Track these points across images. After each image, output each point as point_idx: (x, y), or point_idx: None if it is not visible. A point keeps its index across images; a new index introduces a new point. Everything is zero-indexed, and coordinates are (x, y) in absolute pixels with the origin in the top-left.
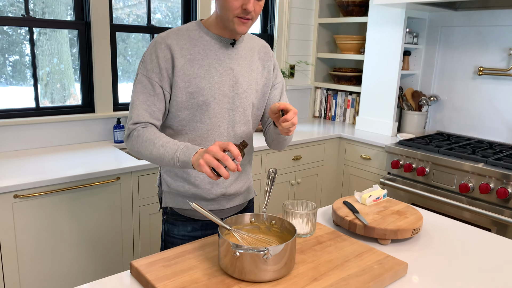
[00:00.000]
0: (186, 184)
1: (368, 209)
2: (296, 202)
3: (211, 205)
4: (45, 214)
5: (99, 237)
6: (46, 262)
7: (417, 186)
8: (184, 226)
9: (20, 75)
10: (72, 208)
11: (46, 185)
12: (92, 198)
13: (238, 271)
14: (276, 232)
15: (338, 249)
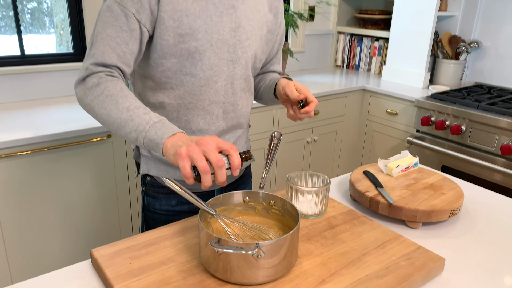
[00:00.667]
0: None
1: (394, 182)
2: (305, 174)
3: None
4: (29, 176)
5: (92, 202)
6: (32, 230)
7: (449, 146)
8: (167, 199)
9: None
10: (59, 169)
11: (30, 143)
12: (81, 157)
13: (222, 271)
14: (276, 214)
15: (355, 237)
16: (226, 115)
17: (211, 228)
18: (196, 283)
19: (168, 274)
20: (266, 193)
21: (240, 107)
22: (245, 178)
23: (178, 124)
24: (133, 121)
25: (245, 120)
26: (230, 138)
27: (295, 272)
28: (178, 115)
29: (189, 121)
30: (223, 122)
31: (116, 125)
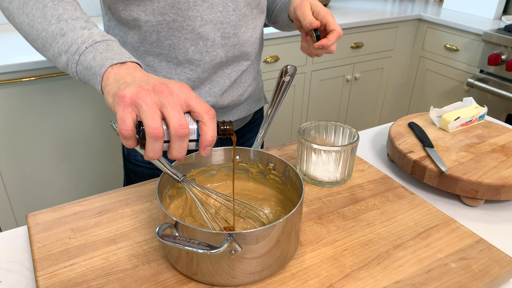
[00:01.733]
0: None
1: (450, 140)
2: (325, 125)
3: None
4: (20, 107)
5: (94, 138)
6: (29, 170)
7: None
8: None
9: None
10: (56, 100)
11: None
12: (80, 87)
13: (184, 263)
14: (276, 182)
15: (386, 218)
16: (226, 41)
17: (184, 196)
18: (149, 276)
19: (114, 258)
20: (262, 151)
21: (244, 30)
22: (254, 126)
23: (159, 50)
24: (64, 37)
25: (253, 48)
26: (232, 73)
27: (293, 269)
28: (159, 37)
29: (174, 47)
30: (221, 50)
31: (40, 42)
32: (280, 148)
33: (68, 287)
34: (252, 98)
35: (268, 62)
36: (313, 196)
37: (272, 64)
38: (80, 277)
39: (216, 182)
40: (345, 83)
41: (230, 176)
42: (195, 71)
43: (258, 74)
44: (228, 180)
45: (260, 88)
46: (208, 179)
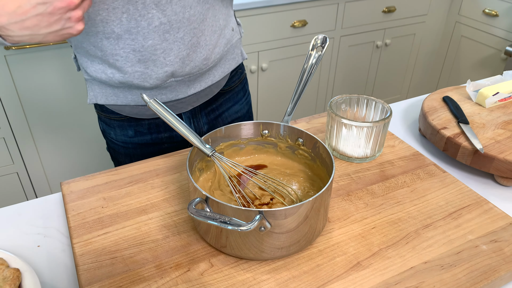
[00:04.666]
0: (108, 68)
1: (487, 116)
2: (357, 99)
3: (162, 94)
4: (48, 69)
5: None
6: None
7: None
8: (122, 129)
9: None
10: None
11: None
12: None
13: (214, 236)
14: (305, 158)
15: (416, 196)
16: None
17: (213, 168)
18: (179, 247)
19: (145, 229)
20: (292, 127)
21: None
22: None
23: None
24: None
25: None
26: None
27: (320, 245)
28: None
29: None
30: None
31: None
32: (308, 121)
33: (102, 255)
34: (225, 59)
35: (295, 27)
36: (341, 172)
37: (300, 29)
38: (113, 246)
39: (244, 155)
40: (374, 50)
41: (258, 150)
42: (136, 40)
43: (228, 29)
44: (256, 154)
45: (234, 44)
46: (237, 153)
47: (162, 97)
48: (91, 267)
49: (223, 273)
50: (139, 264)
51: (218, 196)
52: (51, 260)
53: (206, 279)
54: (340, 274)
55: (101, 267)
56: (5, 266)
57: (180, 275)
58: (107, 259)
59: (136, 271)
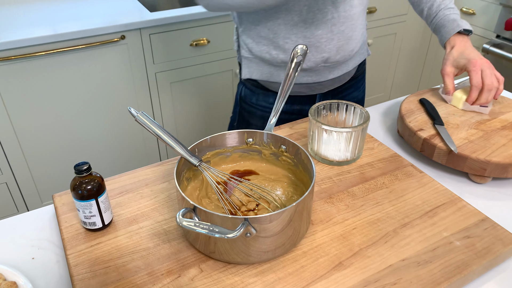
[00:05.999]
0: (273, 49)
1: (461, 116)
2: (337, 105)
3: (308, 76)
4: (30, 82)
5: (109, 114)
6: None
7: None
8: (265, 96)
9: None
10: (68, 75)
11: (28, 45)
12: (91, 63)
13: (203, 243)
14: (288, 163)
15: (394, 197)
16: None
17: (201, 177)
18: (170, 254)
19: (137, 238)
20: (275, 134)
21: None
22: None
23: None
24: None
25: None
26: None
27: (304, 247)
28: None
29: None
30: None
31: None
32: (291, 126)
33: (96, 264)
34: (358, 52)
35: None
36: (323, 175)
37: None
38: (106, 255)
39: (230, 163)
40: None
41: (244, 157)
42: (309, 29)
43: (365, 28)
44: (241, 161)
45: (365, 41)
46: (223, 161)
47: (308, 78)
48: (85, 277)
49: (212, 278)
50: (132, 272)
51: (205, 204)
52: (46, 272)
53: (196, 284)
54: (323, 274)
55: (95, 276)
56: (2, 280)
57: (172, 281)
58: (101, 269)
59: (129, 279)
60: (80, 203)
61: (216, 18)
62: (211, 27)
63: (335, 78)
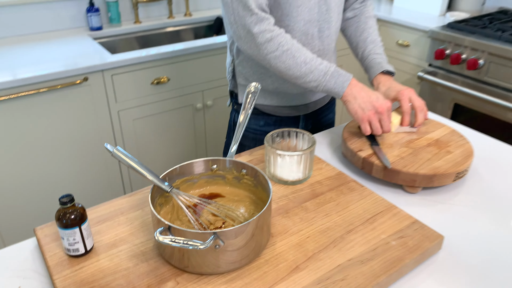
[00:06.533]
0: (268, 78)
1: (394, 137)
2: (288, 132)
3: (294, 100)
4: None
5: (74, 156)
6: (11, 180)
7: (463, 83)
8: (256, 120)
9: None
10: (35, 118)
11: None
12: (56, 105)
13: (177, 257)
14: (249, 185)
15: (340, 208)
16: (322, 33)
17: (171, 203)
18: (149, 271)
19: (117, 260)
20: (236, 160)
21: (333, 23)
22: (330, 104)
23: None
24: (312, 73)
25: (336, 37)
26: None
27: (266, 256)
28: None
29: None
30: (318, 41)
31: (294, 77)
32: (250, 153)
33: (82, 286)
34: None
35: None
36: (280, 194)
37: None
38: (90, 277)
39: (198, 188)
40: None
41: (210, 183)
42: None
43: (335, 57)
44: (208, 186)
45: None
46: (191, 187)
47: (296, 101)
48: None
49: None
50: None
51: (178, 225)
52: None
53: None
54: (283, 277)
55: None
56: None
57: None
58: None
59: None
60: (65, 231)
61: (175, 57)
62: (171, 66)
63: (317, 100)
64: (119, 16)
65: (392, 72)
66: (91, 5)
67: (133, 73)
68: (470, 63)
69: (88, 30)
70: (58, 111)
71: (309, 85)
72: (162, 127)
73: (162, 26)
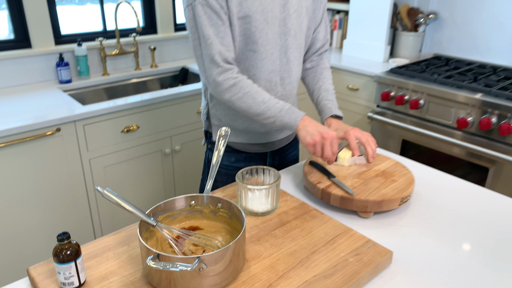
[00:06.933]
0: (238, 119)
1: (346, 170)
2: (256, 169)
3: (262, 138)
4: None
5: (46, 204)
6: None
7: (410, 121)
8: (228, 156)
9: None
10: (8, 170)
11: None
12: (29, 156)
13: (165, 283)
14: (224, 217)
15: (305, 233)
16: (283, 81)
17: (155, 237)
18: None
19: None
20: (212, 196)
21: (293, 73)
22: (294, 141)
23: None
24: (270, 110)
25: (297, 84)
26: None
27: (243, 278)
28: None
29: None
30: (280, 87)
31: (255, 115)
32: (223, 190)
33: None
34: None
35: (199, 113)
36: (252, 224)
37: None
38: None
39: (178, 223)
40: None
41: (189, 218)
42: None
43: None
44: (187, 220)
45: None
46: (172, 221)
47: (264, 139)
48: None
49: None
50: None
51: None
52: None
53: None
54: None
55: None
56: None
57: None
58: None
59: None
60: (61, 266)
61: (144, 106)
62: (140, 114)
63: (282, 139)
64: (88, 69)
65: (340, 116)
66: (61, 60)
67: (105, 122)
68: (412, 103)
69: (58, 83)
70: (30, 161)
71: (267, 121)
72: (132, 173)
73: (129, 77)
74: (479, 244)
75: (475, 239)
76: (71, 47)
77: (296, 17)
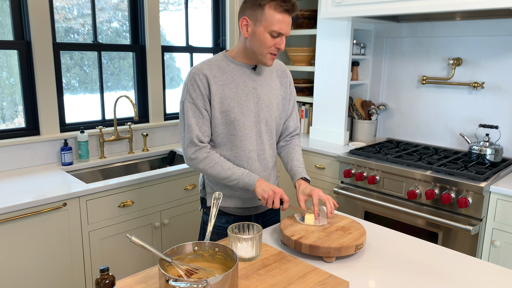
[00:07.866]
0: (226, 187)
1: (313, 227)
2: (242, 225)
3: (247, 203)
4: None
5: (47, 269)
6: None
7: (369, 194)
8: (219, 218)
9: None
10: (18, 239)
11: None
12: (38, 227)
13: None
14: (220, 259)
15: (282, 272)
16: (259, 157)
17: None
18: None
19: None
20: (211, 242)
21: (267, 151)
22: (277, 210)
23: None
24: (234, 175)
25: (272, 160)
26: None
27: None
28: (232, 160)
29: (238, 164)
30: (258, 162)
31: (222, 179)
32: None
33: None
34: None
35: (187, 189)
36: (241, 267)
37: (191, 190)
38: None
39: (185, 263)
40: None
41: (193, 260)
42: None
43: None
44: (191, 262)
45: (277, 183)
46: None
47: (248, 203)
48: None
49: None
50: None
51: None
52: None
53: None
54: None
55: None
56: None
57: None
58: None
59: None
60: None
61: (138, 184)
62: (135, 191)
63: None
64: (88, 153)
65: (308, 180)
66: (65, 145)
67: (105, 198)
68: (370, 179)
69: (61, 165)
70: (39, 232)
71: (232, 183)
72: (124, 244)
73: (123, 160)
74: (418, 280)
75: (414, 277)
76: (74, 134)
77: (267, 110)
